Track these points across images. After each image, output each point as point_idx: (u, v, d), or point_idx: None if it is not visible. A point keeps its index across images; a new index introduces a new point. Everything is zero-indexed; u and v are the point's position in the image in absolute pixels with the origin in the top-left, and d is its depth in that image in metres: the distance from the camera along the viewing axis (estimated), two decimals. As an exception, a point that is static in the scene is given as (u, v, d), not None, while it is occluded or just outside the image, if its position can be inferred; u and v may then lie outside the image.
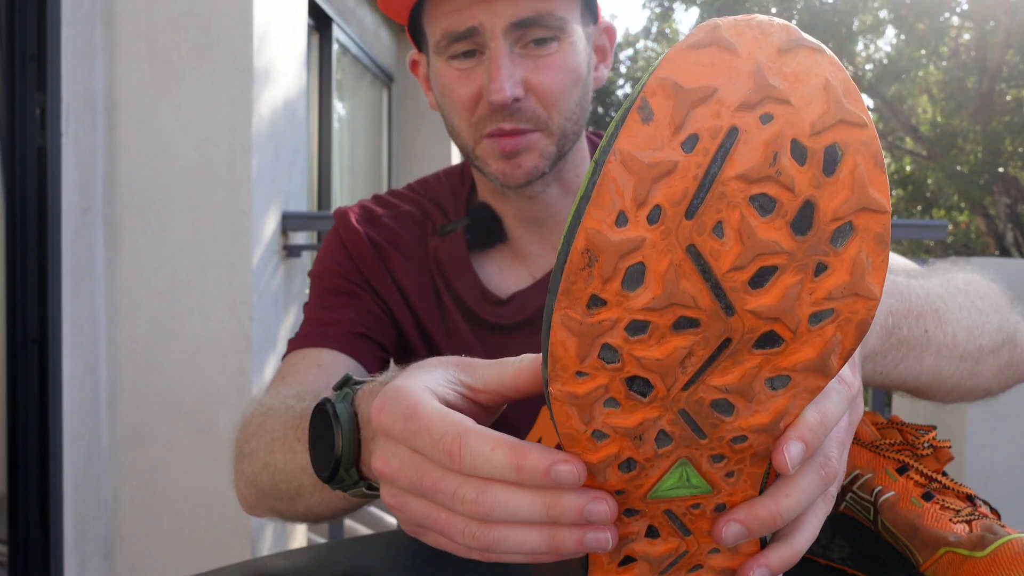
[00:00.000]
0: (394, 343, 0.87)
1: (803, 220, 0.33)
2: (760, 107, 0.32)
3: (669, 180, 0.32)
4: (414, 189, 0.92)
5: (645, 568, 0.43)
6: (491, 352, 0.80)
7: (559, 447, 0.39)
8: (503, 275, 0.86)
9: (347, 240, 0.87)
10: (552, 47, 0.76)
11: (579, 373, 0.36)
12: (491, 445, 0.38)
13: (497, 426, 0.44)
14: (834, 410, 0.39)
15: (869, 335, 0.54)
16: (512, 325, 0.84)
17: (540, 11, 0.74)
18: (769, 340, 0.35)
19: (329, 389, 0.58)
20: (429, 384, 0.43)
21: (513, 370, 0.44)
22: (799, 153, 0.32)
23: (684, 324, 0.34)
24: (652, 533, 0.42)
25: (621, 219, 0.32)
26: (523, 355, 0.44)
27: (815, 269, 0.34)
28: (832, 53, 0.33)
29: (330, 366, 0.80)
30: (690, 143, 0.32)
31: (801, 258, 0.33)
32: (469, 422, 0.40)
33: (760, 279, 0.34)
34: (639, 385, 0.36)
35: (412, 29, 0.83)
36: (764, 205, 0.32)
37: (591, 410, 0.37)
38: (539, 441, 0.64)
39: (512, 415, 0.55)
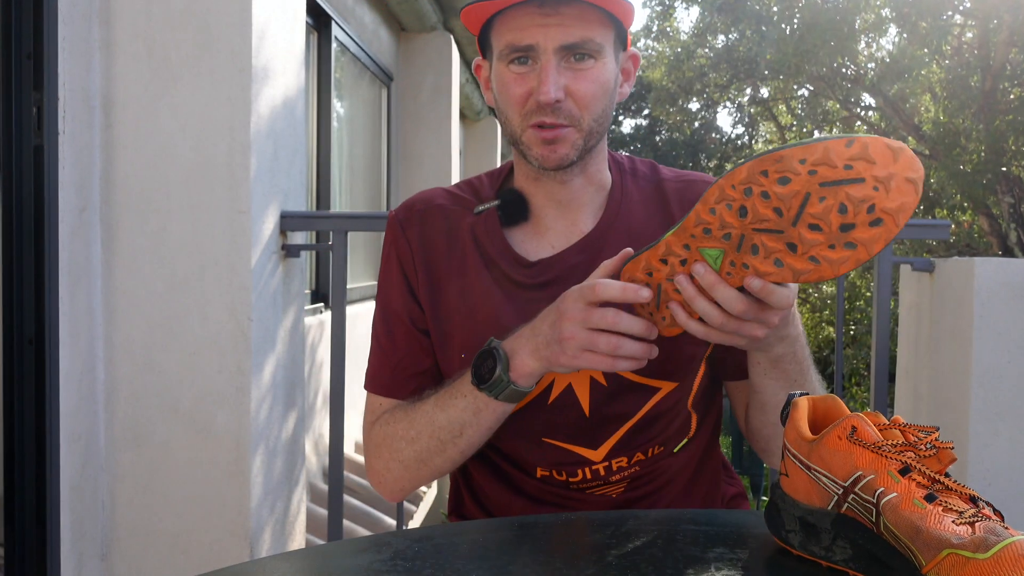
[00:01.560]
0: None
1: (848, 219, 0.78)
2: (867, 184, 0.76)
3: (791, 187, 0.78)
4: (459, 186, 1.16)
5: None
6: (517, 305, 1.04)
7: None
8: (528, 245, 1.08)
9: (399, 249, 1.11)
10: (589, 63, 0.99)
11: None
12: (610, 284, 0.89)
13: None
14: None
15: (797, 341, 0.98)
16: (537, 284, 1.06)
17: (583, 37, 0.97)
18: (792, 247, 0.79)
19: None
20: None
21: (603, 267, 0.94)
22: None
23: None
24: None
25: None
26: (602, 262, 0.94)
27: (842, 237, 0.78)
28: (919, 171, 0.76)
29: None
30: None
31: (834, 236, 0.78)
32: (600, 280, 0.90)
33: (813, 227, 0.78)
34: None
35: (481, 39, 1.07)
36: (841, 210, 0.76)
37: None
38: (553, 380, 1.04)
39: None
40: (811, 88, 11.70)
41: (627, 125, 22.45)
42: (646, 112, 21.51)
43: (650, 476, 1.08)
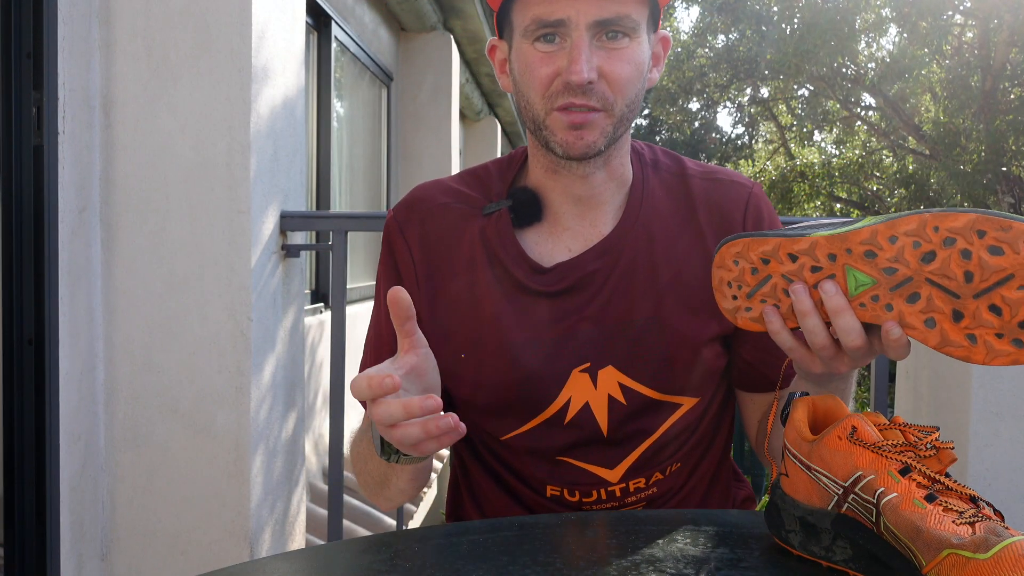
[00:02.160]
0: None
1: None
2: None
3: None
4: (463, 178, 1.06)
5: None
6: (527, 314, 0.97)
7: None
8: (542, 248, 1.00)
9: (396, 251, 1.04)
10: (624, 42, 0.90)
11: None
12: (356, 387, 0.77)
13: (528, 382, 0.96)
14: None
15: (853, 376, 0.89)
16: (554, 292, 0.98)
17: (619, 13, 0.89)
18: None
19: None
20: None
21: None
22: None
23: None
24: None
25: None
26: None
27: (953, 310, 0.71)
28: None
29: None
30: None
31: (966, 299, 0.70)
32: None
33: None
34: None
35: (500, 16, 0.97)
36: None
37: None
38: (570, 399, 0.98)
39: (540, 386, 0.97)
40: (811, 88, 11.70)
41: (627, 125, 22.43)
42: (646, 112, 21.51)
43: (667, 496, 1.03)
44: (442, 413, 0.76)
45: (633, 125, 1.01)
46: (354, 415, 1.09)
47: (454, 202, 1.03)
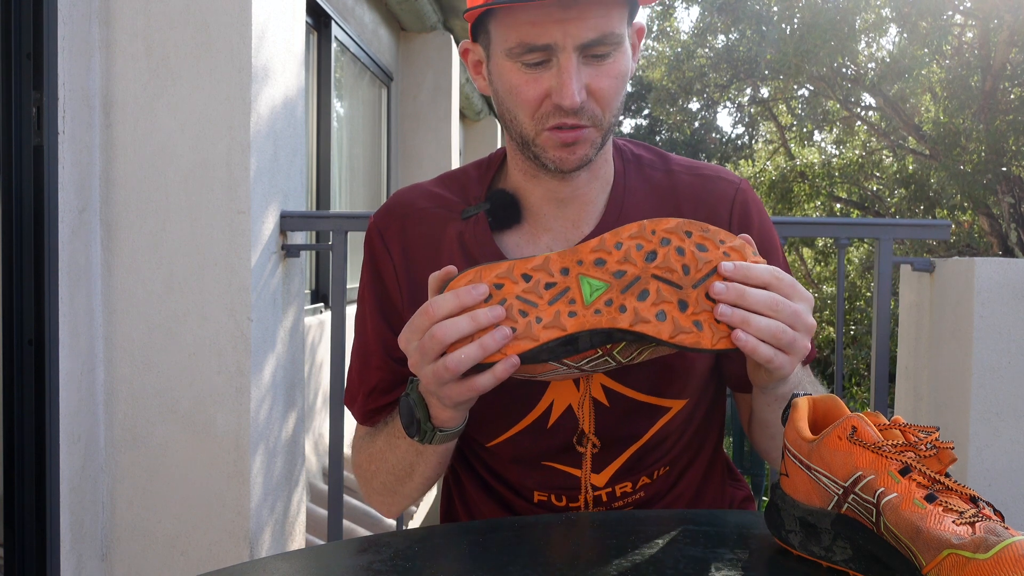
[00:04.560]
0: None
1: None
2: None
3: None
4: (443, 182, 1.06)
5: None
6: None
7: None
8: (522, 250, 0.99)
9: (378, 257, 1.03)
10: (610, 58, 0.90)
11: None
12: (441, 300, 0.78)
13: (508, 388, 0.87)
14: None
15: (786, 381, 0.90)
16: None
17: (604, 31, 0.87)
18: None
19: None
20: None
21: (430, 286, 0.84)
22: None
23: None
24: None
25: None
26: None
27: None
28: None
29: None
30: None
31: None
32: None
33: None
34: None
35: (474, 24, 0.95)
36: None
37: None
38: (552, 402, 0.97)
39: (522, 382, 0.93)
40: (811, 88, 11.70)
41: (627, 125, 22.45)
42: (646, 112, 21.51)
43: (655, 500, 1.02)
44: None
45: (633, 125, 1.00)
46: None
47: (433, 206, 1.02)
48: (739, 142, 20.06)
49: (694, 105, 16.65)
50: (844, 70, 10.35)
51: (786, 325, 0.78)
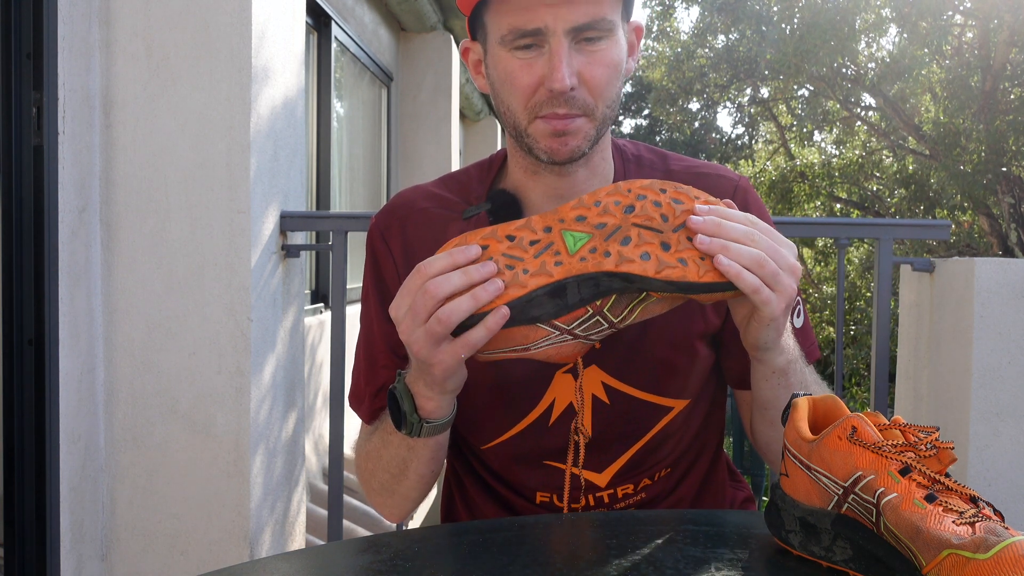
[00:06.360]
0: None
1: None
2: None
3: None
4: (444, 183, 1.06)
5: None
6: None
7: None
8: None
9: (379, 258, 1.03)
10: (602, 44, 0.90)
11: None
12: (432, 260, 0.79)
13: (509, 386, 0.95)
14: None
15: (785, 350, 0.90)
16: None
17: (595, 16, 0.88)
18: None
19: None
20: None
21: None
22: None
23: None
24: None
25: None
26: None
27: None
28: None
29: None
30: None
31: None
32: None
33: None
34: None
35: (472, 20, 0.96)
36: None
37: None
38: (553, 401, 0.98)
39: (520, 377, 0.96)
40: (811, 88, 11.70)
41: (627, 125, 22.45)
42: (646, 112, 21.52)
43: (656, 501, 1.03)
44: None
45: (633, 125, 1.00)
46: (354, 415, 1.08)
47: (434, 207, 1.03)
48: (739, 142, 20.06)
49: (694, 105, 16.66)
50: (844, 70, 10.35)
51: (767, 256, 0.78)
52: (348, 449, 2.71)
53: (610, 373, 0.96)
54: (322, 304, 3.71)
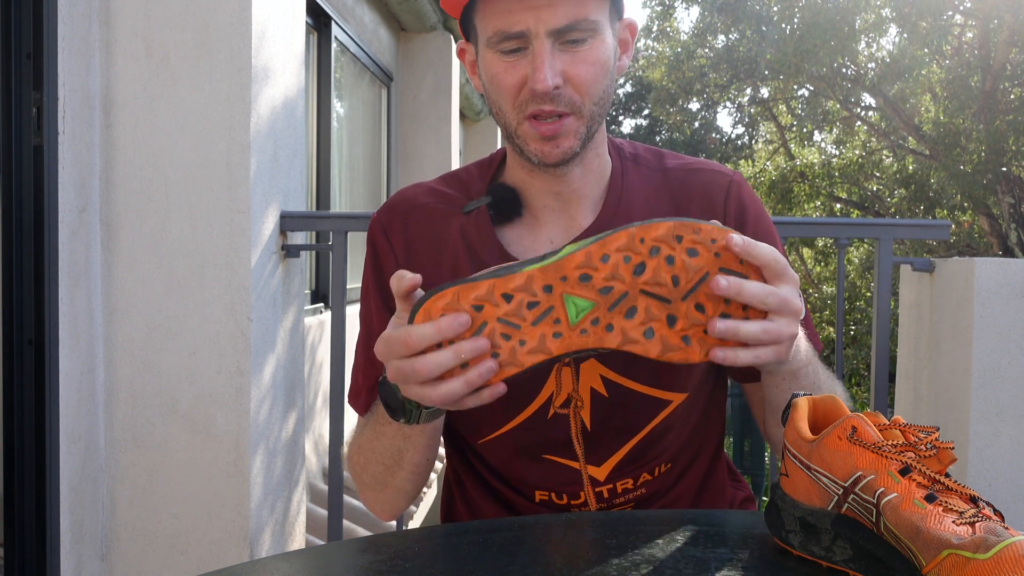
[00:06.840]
0: None
1: None
2: None
3: None
4: (445, 180, 1.07)
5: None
6: None
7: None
8: (523, 243, 1.00)
9: (380, 254, 1.04)
10: (586, 44, 0.90)
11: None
12: (420, 334, 0.76)
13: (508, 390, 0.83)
14: None
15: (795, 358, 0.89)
16: None
17: (577, 17, 0.89)
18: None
19: None
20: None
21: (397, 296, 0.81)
22: None
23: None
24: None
25: None
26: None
27: None
28: None
29: None
30: None
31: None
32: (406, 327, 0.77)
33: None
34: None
35: (463, 22, 0.97)
36: (727, 300, 0.78)
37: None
38: (552, 393, 0.96)
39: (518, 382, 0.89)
40: (811, 88, 11.70)
41: (627, 125, 22.45)
42: (646, 112, 21.52)
43: (656, 498, 1.03)
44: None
45: (633, 125, 1.00)
46: (354, 415, 1.08)
47: (435, 203, 1.03)
48: (739, 142, 20.06)
49: (694, 105, 16.67)
50: (844, 70, 10.36)
51: (777, 317, 0.78)
52: (347, 450, 2.71)
53: (608, 366, 0.96)
54: (322, 304, 3.71)
